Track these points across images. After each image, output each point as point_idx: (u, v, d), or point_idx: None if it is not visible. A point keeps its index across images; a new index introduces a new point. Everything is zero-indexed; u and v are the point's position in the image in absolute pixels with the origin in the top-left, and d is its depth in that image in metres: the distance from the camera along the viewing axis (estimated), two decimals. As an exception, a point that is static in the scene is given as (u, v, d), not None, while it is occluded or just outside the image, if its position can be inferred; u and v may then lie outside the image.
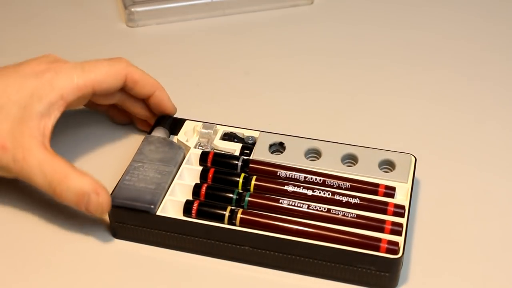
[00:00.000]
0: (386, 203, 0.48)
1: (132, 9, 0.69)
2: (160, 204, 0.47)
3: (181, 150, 0.51)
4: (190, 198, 0.48)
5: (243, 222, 0.46)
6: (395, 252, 0.45)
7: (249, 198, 0.48)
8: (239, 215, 0.47)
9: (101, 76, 0.49)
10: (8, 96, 0.47)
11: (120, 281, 0.46)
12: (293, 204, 0.47)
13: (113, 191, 0.48)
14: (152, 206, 0.47)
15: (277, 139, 0.52)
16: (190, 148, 0.52)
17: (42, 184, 0.46)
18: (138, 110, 0.54)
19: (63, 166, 0.46)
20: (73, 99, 0.48)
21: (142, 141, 0.51)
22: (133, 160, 0.50)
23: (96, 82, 0.49)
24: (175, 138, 0.53)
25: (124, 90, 0.52)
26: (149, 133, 0.53)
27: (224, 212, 0.47)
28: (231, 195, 0.48)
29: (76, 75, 0.48)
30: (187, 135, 0.53)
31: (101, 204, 0.46)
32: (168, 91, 0.54)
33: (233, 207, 0.47)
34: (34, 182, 0.46)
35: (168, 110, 0.54)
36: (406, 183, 0.49)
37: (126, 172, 0.49)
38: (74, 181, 0.46)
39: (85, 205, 0.46)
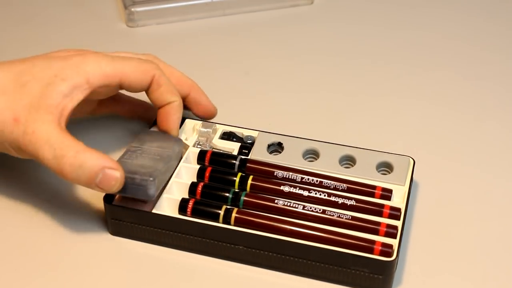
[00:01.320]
0: (382, 205, 0.48)
1: (132, 9, 0.69)
2: (159, 183, 0.47)
3: (180, 142, 0.50)
4: (187, 196, 0.48)
5: (238, 222, 0.46)
6: (389, 254, 0.44)
7: (245, 198, 0.48)
8: (234, 214, 0.47)
9: (130, 69, 0.48)
10: (33, 74, 0.46)
11: (116, 278, 0.46)
12: (288, 204, 0.47)
13: None
14: (151, 179, 0.46)
15: (275, 139, 0.52)
16: (188, 146, 0.52)
17: (49, 159, 0.45)
18: None
19: (75, 143, 0.45)
20: (98, 85, 0.47)
21: (140, 133, 0.51)
22: (131, 145, 0.49)
23: (123, 73, 0.48)
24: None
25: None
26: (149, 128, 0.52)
27: (219, 211, 0.47)
28: (226, 194, 0.48)
29: (104, 63, 0.47)
30: (187, 134, 0.53)
31: (117, 179, 0.45)
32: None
33: (228, 206, 0.47)
34: (41, 157, 0.45)
35: (171, 130, 0.51)
36: (404, 185, 0.49)
37: (124, 153, 0.48)
38: (88, 157, 0.44)
39: (98, 182, 0.45)
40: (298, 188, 0.49)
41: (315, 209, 0.47)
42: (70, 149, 0.45)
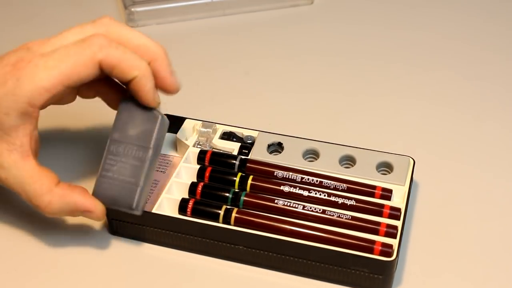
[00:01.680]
0: (382, 205, 0.48)
1: (132, 9, 0.69)
2: (143, 200, 0.46)
3: (162, 119, 0.47)
4: (187, 196, 0.48)
5: (238, 222, 0.46)
6: (389, 254, 0.44)
7: (245, 198, 0.48)
8: (233, 214, 0.47)
9: (70, 68, 0.43)
10: None
11: (116, 278, 0.46)
12: (288, 204, 0.47)
13: (94, 186, 0.47)
14: (133, 208, 0.46)
15: (275, 139, 0.52)
16: (189, 146, 0.52)
17: (27, 201, 0.45)
18: None
19: (45, 182, 0.44)
20: (43, 102, 0.44)
21: (119, 108, 0.47)
22: (111, 140, 0.47)
23: (65, 77, 0.44)
24: (174, 136, 0.53)
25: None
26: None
27: (219, 211, 0.47)
28: (226, 194, 0.48)
29: (39, 76, 0.43)
30: (187, 134, 0.53)
31: (98, 217, 0.46)
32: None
33: (228, 206, 0.47)
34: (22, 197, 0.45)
35: (148, 104, 0.46)
36: (404, 185, 0.49)
37: (104, 159, 0.46)
38: (62, 204, 0.45)
39: (81, 215, 0.46)
40: (298, 188, 0.49)
41: (315, 209, 0.47)
42: (42, 196, 0.44)
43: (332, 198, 0.48)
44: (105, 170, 0.46)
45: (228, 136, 0.53)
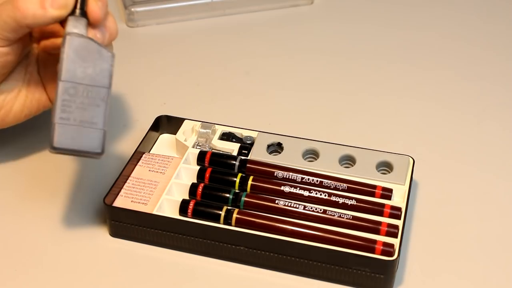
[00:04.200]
0: (383, 205, 0.48)
1: (132, 9, 0.69)
2: (104, 143, 0.44)
3: (109, 57, 0.45)
4: (187, 197, 0.48)
5: (239, 222, 0.46)
6: (390, 254, 0.44)
7: (245, 198, 0.48)
8: (234, 215, 0.47)
9: None
10: None
11: (117, 279, 0.46)
12: (289, 204, 0.47)
13: (53, 134, 0.43)
14: (98, 151, 0.44)
15: (275, 139, 0.52)
16: (188, 147, 0.52)
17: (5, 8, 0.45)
18: None
19: None
20: None
21: (65, 46, 0.44)
22: (62, 81, 0.44)
23: None
24: (173, 138, 0.53)
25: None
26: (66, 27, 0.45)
27: (220, 212, 0.47)
28: (227, 195, 0.48)
29: None
30: (186, 135, 0.53)
31: None
32: (168, 91, 0.53)
33: (229, 207, 0.47)
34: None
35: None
36: (404, 185, 0.49)
37: (59, 102, 0.43)
38: None
39: (50, 2, 0.44)
40: (298, 188, 0.49)
41: (316, 209, 0.47)
42: None
43: (333, 198, 0.48)
44: (63, 112, 0.43)
45: (227, 136, 0.53)
